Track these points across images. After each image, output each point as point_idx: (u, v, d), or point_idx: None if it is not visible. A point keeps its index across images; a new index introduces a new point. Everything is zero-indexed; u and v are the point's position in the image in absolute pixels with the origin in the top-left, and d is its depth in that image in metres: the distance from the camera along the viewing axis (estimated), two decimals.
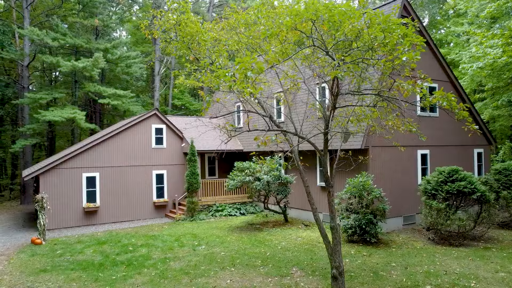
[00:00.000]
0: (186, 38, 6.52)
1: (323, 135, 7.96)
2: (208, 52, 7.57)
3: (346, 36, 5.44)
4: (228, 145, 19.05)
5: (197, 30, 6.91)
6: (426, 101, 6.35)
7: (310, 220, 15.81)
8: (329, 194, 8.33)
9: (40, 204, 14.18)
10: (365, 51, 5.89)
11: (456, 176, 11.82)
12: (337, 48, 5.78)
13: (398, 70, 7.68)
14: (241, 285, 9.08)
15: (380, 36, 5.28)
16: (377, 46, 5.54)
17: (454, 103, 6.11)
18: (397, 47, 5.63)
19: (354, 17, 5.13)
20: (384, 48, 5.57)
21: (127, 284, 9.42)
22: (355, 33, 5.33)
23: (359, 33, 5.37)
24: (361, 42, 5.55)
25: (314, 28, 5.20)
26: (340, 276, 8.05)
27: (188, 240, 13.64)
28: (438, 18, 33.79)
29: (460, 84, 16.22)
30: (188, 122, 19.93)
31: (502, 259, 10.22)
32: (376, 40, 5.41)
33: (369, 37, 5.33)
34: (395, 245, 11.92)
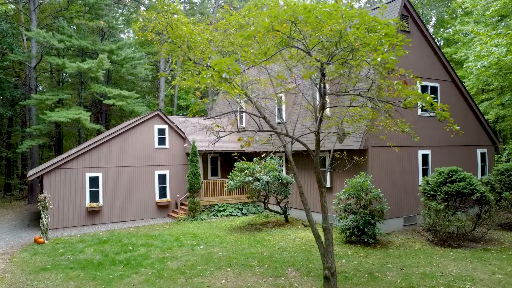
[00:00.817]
0: (176, 40, 6.58)
1: (315, 135, 7.95)
2: (201, 54, 7.62)
3: (327, 37, 5.44)
4: (231, 145, 19.10)
5: (189, 32, 6.96)
6: (406, 102, 6.29)
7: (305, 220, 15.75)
8: (321, 195, 8.33)
9: (42, 203, 14.40)
10: (349, 51, 5.87)
11: (455, 176, 11.70)
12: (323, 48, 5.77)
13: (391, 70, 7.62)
14: (235, 285, 9.12)
15: (361, 36, 5.26)
16: (357, 46, 5.52)
17: (435, 104, 6.05)
18: (378, 47, 5.60)
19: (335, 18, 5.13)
20: (364, 48, 5.54)
21: (123, 283, 9.52)
22: (337, 33, 5.32)
23: (341, 34, 5.36)
24: (344, 42, 5.53)
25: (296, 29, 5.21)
26: (332, 277, 8.04)
27: (188, 240, 13.73)
28: (446, 17, 33.42)
29: (463, 83, 16.04)
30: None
31: (500, 261, 10.09)
32: (357, 40, 5.40)
33: (350, 37, 5.32)
34: (393, 246, 11.85)
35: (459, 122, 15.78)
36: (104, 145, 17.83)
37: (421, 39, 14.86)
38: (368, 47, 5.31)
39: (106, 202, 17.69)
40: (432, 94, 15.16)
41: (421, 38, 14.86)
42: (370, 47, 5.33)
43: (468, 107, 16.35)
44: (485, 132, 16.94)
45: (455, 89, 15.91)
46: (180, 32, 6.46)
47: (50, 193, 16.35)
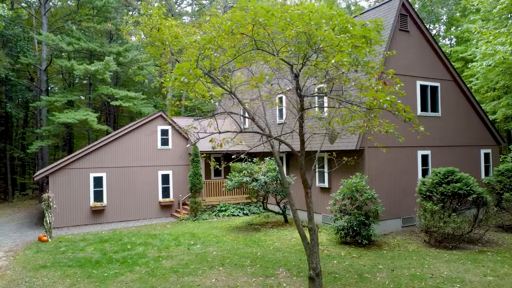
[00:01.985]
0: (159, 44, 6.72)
1: (299, 136, 8.00)
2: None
3: (292, 39, 5.49)
4: (232, 146, 19.20)
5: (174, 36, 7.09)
6: (371, 103, 6.28)
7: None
8: (306, 195, 8.37)
9: (46, 203, 14.79)
10: (316, 53, 5.89)
11: (451, 177, 11.56)
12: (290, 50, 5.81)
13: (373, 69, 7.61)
14: (225, 284, 9.23)
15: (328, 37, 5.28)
16: (322, 48, 5.54)
17: (401, 105, 6.02)
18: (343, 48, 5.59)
19: (302, 20, 5.17)
20: (329, 50, 5.55)
21: (116, 281, 9.73)
22: (302, 35, 5.35)
23: (309, 35, 5.39)
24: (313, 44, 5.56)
25: (265, 32, 5.29)
26: (317, 277, 8.07)
27: (186, 239, 13.91)
28: (457, 15, 32.86)
29: (465, 83, 15.80)
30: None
31: (495, 263, 9.95)
32: (323, 42, 5.42)
33: (317, 39, 5.35)
34: (388, 247, 11.78)
35: (461, 122, 15.60)
36: (108, 146, 18.18)
37: (420, 39, 14.70)
38: (335, 48, 5.33)
39: (110, 201, 18.04)
40: (432, 93, 14.99)
41: (420, 38, 14.70)
42: (337, 48, 5.35)
43: (471, 106, 16.10)
44: (489, 132, 16.64)
45: (457, 89, 15.68)
46: (162, 36, 6.59)
47: (55, 193, 16.79)
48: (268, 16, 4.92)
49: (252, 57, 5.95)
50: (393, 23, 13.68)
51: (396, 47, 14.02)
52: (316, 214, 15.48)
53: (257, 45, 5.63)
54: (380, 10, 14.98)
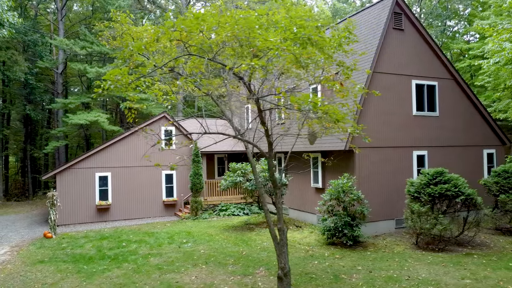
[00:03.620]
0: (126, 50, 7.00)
1: (266, 137, 8.13)
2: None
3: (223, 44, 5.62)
4: (235, 146, 19.47)
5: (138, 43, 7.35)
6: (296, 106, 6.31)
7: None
8: (276, 196, 8.50)
9: (51, 201, 15.50)
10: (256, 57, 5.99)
11: (440, 178, 11.35)
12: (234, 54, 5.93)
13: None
14: (202, 281, 9.48)
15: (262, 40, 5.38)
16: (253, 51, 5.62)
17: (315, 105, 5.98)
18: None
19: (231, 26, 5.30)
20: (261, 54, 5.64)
21: (103, 277, 10.16)
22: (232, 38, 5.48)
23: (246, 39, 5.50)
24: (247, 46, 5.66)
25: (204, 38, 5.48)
26: (285, 277, 8.18)
27: (180, 237, 14.26)
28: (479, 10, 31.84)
29: (465, 81, 15.38)
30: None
31: (477, 265, 9.72)
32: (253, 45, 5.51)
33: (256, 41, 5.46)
34: (373, 248, 11.69)
35: (462, 122, 15.25)
36: (113, 146, 18.80)
37: (416, 37, 14.45)
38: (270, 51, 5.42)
39: (115, 200, 18.66)
40: (429, 93, 14.69)
41: (416, 36, 14.44)
42: (272, 51, 5.44)
43: (473, 106, 15.65)
44: (493, 132, 16.12)
45: (457, 88, 15.29)
46: (126, 41, 6.88)
47: (62, 192, 17.57)
48: (198, 23, 5.11)
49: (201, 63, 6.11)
50: (386, 22, 13.52)
51: (389, 46, 13.85)
52: (311, 214, 15.51)
53: (189, 51, 5.82)
54: (374, 9, 14.82)
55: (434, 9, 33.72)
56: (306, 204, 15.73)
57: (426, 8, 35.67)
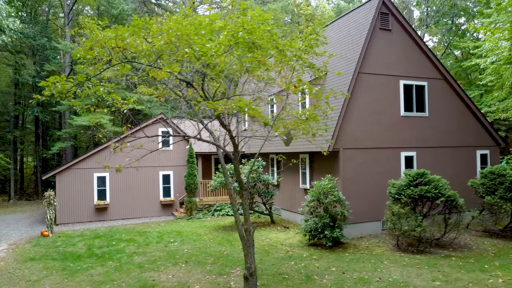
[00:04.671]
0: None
1: (231, 139, 8.29)
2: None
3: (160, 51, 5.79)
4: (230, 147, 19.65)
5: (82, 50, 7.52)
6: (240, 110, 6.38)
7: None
8: (242, 197, 8.64)
9: (48, 200, 16.01)
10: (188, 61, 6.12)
11: (420, 179, 11.29)
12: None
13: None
14: (177, 280, 9.70)
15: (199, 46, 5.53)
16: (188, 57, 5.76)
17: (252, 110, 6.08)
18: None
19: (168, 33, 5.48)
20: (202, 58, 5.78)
21: (85, 274, 10.50)
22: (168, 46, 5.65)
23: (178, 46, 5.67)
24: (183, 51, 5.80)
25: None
26: (251, 277, 8.31)
27: (170, 237, 14.53)
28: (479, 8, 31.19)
29: (456, 81, 15.18)
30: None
31: (452, 268, 9.64)
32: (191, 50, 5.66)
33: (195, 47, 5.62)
34: (353, 249, 11.70)
35: (453, 122, 15.07)
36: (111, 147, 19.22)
37: (404, 37, 14.33)
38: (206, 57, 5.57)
39: (112, 200, 19.12)
40: (418, 93, 14.55)
41: (404, 36, 14.33)
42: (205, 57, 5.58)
43: (465, 106, 15.42)
44: (487, 132, 15.84)
45: (448, 88, 15.10)
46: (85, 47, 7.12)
47: (62, 192, 18.12)
48: (134, 31, 5.30)
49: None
50: (372, 23, 13.48)
51: (375, 46, 13.80)
52: (300, 215, 15.55)
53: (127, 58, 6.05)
54: (362, 9, 14.77)
55: (441, 7, 33.20)
56: (295, 205, 15.80)
57: (435, 6, 35.13)
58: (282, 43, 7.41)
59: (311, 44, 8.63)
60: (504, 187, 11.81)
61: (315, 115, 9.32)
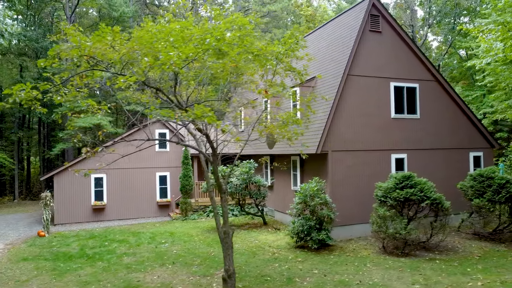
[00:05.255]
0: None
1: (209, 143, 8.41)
2: None
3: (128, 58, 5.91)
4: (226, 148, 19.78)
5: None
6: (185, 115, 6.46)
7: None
8: (221, 200, 8.75)
9: (44, 201, 16.30)
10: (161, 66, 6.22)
11: (406, 182, 11.29)
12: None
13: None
14: (161, 281, 9.84)
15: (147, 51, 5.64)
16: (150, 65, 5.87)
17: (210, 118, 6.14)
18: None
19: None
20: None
21: (73, 275, 10.70)
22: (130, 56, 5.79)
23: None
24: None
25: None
26: (229, 279, 8.42)
27: (162, 238, 14.70)
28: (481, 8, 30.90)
29: (448, 82, 15.11)
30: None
31: (434, 271, 9.64)
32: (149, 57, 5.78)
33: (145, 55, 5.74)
34: (339, 252, 11.73)
35: (445, 124, 15.02)
36: (108, 149, 19.47)
37: (394, 39, 14.31)
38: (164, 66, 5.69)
39: (110, 201, 19.38)
40: (409, 94, 14.52)
41: (394, 38, 14.31)
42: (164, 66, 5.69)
43: (458, 107, 15.33)
44: (481, 134, 15.73)
45: (440, 90, 15.03)
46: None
47: (60, 192, 18.43)
48: (99, 40, 5.46)
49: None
50: (361, 25, 13.49)
51: (365, 48, 13.81)
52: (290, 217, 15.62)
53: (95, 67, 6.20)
54: (353, 12, 14.78)
55: (443, 6, 32.96)
56: (287, 207, 15.83)
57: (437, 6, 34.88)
58: (257, 48, 7.51)
59: (292, 48, 8.72)
60: (492, 190, 11.75)
61: (296, 118, 9.42)
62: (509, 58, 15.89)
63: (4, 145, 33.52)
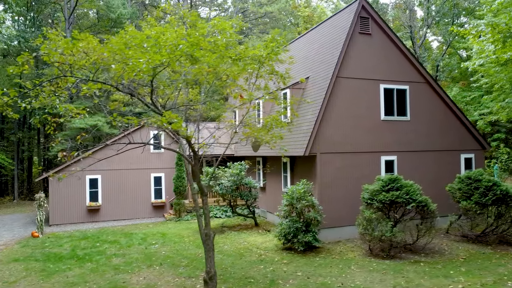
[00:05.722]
0: None
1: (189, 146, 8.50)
2: None
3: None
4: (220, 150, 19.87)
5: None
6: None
7: None
8: (203, 202, 8.83)
9: (38, 202, 16.46)
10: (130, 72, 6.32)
11: (392, 185, 11.32)
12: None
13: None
14: (147, 282, 9.94)
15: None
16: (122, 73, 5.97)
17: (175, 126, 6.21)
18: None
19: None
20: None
21: (61, 276, 10.81)
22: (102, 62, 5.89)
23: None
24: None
25: None
26: (210, 281, 8.50)
27: (153, 239, 14.81)
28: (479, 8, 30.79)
29: (439, 84, 15.10)
30: None
31: (417, 273, 9.67)
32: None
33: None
34: (325, 254, 11.78)
35: (436, 126, 15.02)
36: (103, 150, 19.63)
37: (384, 41, 14.33)
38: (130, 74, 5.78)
39: (104, 201, 19.52)
40: (399, 96, 14.53)
41: (384, 40, 14.32)
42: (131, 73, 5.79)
43: (449, 109, 15.32)
44: (472, 136, 15.71)
45: (430, 91, 15.03)
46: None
47: (55, 193, 18.61)
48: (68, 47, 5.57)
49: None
50: (350, 27, 13.52)
51: (355, 50, 13.84)
52: None
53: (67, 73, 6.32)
54: (343, 14, 14.81)
55: (441, 7, 32.87)
56: (271, 205, 15.99)
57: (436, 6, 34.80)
58: (235, 53, 7.59)
59: (274, 52, 8.79)
60: (479, 192, 11.74)
61: (280, 121, 9.49)
62: (501, 59, 15.86)
63: (5, 146, 33.81)
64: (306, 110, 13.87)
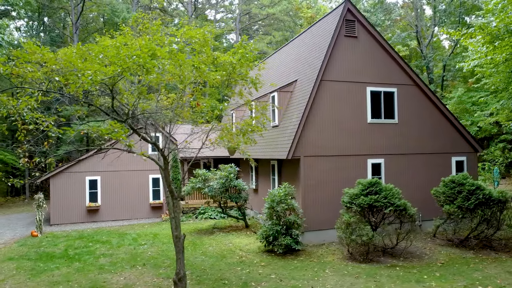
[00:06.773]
0: None
1: (158, 151, 8.74)
2: None
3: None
4: (216, 152, 20.14)
5: None
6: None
7: None
8: (174, 206, 9.07)
9: (37, 203, 17.04)
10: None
11: (371, 189, 11.33)
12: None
13: None
14: (126, 282, 10.25)
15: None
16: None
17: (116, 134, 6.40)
18: None
19: None
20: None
21: (47, 275, 11.22)
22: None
23: None
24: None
25: None
26: (180, 282, 8.74)
27: (144, 239, 15.16)
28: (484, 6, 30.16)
29: (428, 86, 14.97)
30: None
31: (390, 278, 9.68)
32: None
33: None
34: (304, 257, 11.85)
35: (426, 128, 14.92)
36: (102, 152, 20.16)
37: (371, 43, 14.29)
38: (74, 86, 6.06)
39: (104, 202, 20.03)
40: (387, 99, 14.48)
41: (371, 42, 14.28)
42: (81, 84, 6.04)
43: (439, 112, 15.16)
44: (464, 138, 15.50)
45: (419, 94, 14.91)
46: None
47: (55, 194, 19.21)
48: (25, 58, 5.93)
49: None
50: (335, 30, 13.55)
51: (341, 53, 13.86)
52: None
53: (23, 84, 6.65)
54: (330, 17, 14.84)
55: (448, 6, 32.34)
56: (260, 206, 16.11)
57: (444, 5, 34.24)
58: (192, 61, 7.82)
59: (246, 57, 8.98)
60: (462, 196, 11.63)
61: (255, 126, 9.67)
62: (495, 61, 15.59)
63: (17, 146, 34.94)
64: (292, 113, 13.98)
